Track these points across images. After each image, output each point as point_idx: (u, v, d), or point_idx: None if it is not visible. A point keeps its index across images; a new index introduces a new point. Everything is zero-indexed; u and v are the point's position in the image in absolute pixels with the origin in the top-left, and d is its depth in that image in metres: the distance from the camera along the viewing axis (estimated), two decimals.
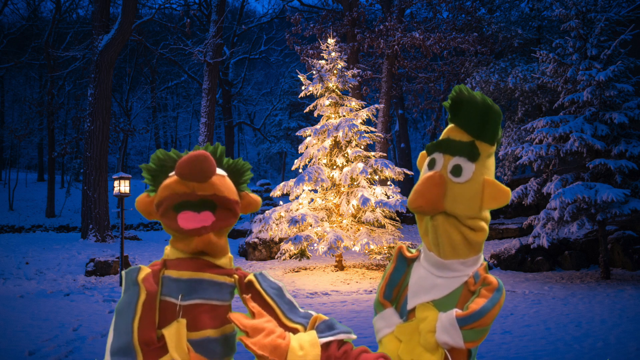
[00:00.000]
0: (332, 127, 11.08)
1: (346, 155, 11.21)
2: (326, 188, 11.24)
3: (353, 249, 10.55)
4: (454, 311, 1.67)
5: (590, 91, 9.53)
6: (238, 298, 1.81)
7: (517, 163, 11.49)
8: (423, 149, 1.89)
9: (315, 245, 10.56)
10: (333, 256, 10.92)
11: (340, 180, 10.96)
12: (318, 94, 11.67)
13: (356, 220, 10.99)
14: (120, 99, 27.03)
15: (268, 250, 13.39)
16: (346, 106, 11.45)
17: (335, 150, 11.37)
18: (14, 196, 25.12)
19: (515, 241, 11.56)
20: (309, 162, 11.49)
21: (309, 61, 14.19)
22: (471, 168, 1.71)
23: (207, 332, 1.69)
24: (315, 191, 11.33)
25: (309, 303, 8.15)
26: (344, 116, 11.29)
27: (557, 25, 13.51)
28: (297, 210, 10.80)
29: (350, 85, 11.85)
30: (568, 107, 10.26)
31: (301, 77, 11.77)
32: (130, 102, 26.75)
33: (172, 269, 1.73)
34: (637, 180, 9.47)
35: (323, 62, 11.70)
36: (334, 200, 11.20)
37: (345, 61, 12.54)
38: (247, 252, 13.57)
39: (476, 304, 1.65)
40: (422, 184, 1.72)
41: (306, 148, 11.58)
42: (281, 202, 11.43)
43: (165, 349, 1.61)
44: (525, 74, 13.47)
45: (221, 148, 1.89)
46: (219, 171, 1.78)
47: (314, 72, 11.65)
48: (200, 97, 22.20)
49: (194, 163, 1.64)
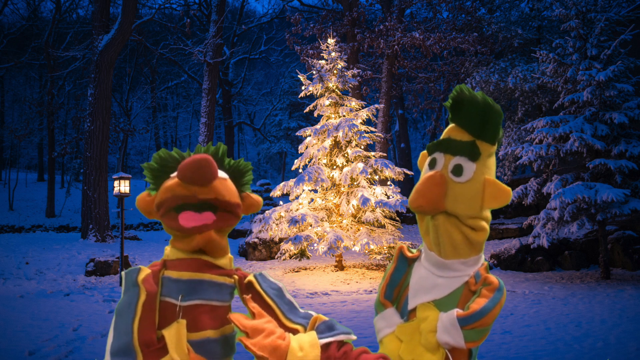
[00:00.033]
0: (332, 127, 11.08)
1: (346, 155, 11.20)
2: (326, 188, 11.23)
3: (353, 249, 10.54)
4: (455, 311, 1.67)
5: (590, 91, 9.53)
6: (238, 298, 1.81)
7: (517, 163, 11.49)
8: (423, 149, 1.89)
9: (315, 245, 10.56)
10: (333, 256, 10.92)
11: (340, 180, 10.96)
12: (318, 94, 11.67)
13: (356, 220, 10.98)
14: (120, 99, 27.03)
15: (268, 250, 13.38)
16: (346, 106, 11.45)
17: (335, 150, 11.37)
18: (14, 196, 25.13)
19: (515, 241, 11.56)
20: (309, 162, 11.49)
21: (309, 61, 14.18)
22: (472, 168, 1.70)
23: (207, 333, 1.68)
24: (315, 191, 11.33)
25: (309, 303, 8.14)
26: (344, 116, 11.29)
27: (557, 25, 13.52)
28: (297, 210, 10.79)
29: (350, 85, 11.84)
30: (568, 107, 10.26)
31: (301, 77, 11.77)
32: (130, 102, 26.77)
33: (172, 270, 1.72)
34: (637, 180, 9.47)
35: (323, 62, 11.70)
36: (334, 200, 11.20)
37: (345, 61, 12.54)
38: (247, 252, 13.57)
39: (477, 304, 1.65)
40: (423, 184, 1.71)
41: (306, 148, 11.58)
42: (281, 202, 11.43)
43: (165, 350, 1.61)
44: (525, 74, 13.47)
45: (223, 148, 1.87)
46: (221, 174, 1.77)
47: (314, 72, 11.64)
48: (200, 97, 22.20)
49: (196, 167, 1.63)
